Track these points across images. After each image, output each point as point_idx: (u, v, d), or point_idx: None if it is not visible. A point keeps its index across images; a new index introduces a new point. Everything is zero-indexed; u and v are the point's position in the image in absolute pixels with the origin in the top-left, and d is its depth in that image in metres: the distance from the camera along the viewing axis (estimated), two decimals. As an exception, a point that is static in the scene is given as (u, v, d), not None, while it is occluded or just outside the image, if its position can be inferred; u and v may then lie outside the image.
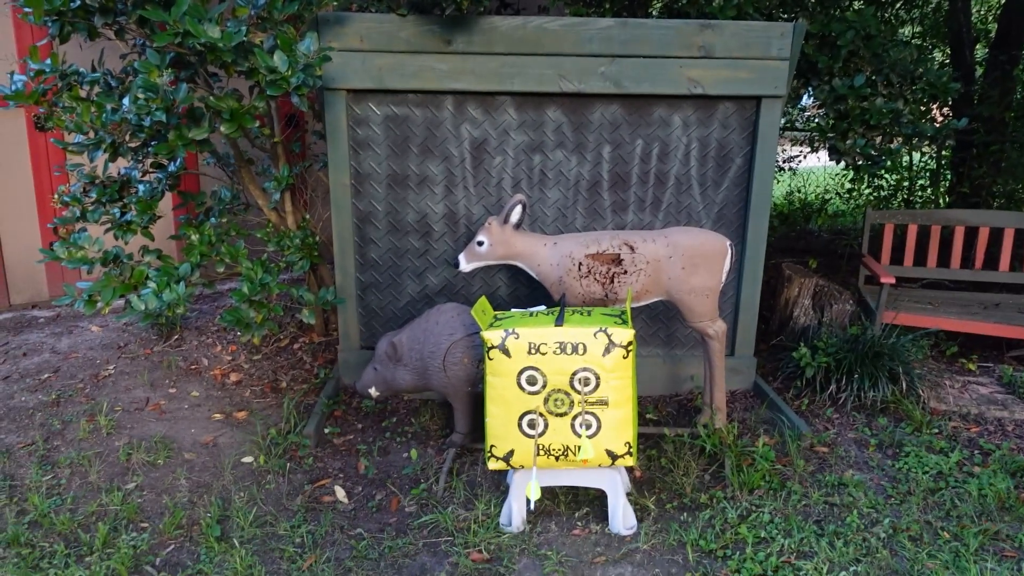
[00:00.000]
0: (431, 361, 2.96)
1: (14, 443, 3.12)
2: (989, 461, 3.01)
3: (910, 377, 3.48)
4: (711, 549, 2.47)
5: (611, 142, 3.38)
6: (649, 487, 2.86)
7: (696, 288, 2.94)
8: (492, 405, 2.49)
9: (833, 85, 3.58)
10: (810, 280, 4.10)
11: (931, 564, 2.38)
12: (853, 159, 3.70)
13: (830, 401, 3.53)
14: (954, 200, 5.83)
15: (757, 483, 2.81)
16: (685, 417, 3.45)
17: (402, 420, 3.39)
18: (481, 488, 2.85)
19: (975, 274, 4.25)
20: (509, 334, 2.42)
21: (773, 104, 3.29)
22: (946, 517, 2.65)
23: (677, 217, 3.48)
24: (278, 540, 2.55)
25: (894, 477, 2.92)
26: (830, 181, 9.68)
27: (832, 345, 3.56)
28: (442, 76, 3.21)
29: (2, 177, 4.56)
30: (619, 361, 2.41)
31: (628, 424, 2.45)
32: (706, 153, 3.40)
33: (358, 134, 3.35)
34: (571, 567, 2.40)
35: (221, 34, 2.53)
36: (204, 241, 3.24)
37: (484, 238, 2.95)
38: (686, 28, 3.17)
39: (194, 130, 2.77)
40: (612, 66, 3.21)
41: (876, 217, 4.30)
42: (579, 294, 2.96)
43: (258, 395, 3.60)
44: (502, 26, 3.14)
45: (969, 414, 3.41)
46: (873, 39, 3.69)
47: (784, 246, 6.59)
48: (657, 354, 3.66)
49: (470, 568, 2.39)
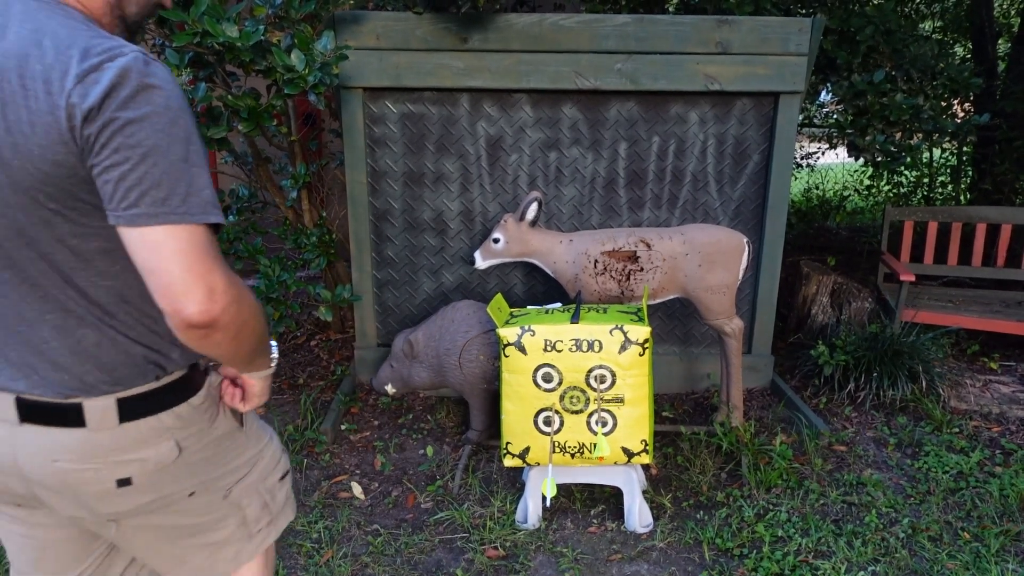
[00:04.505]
0: (447, 358, 2.97)
1: None
2: (1011, 461, 2.97)
3: (930, 376, 3.45)
4: (728, 548, 2.46)
5: (627, 139, 3.37)
6: (665, 485, 2.86)
7: (713, 285, 2.93)
8: (508, 402, 2.49)
9: (852, 81, 3.55)
10: (828, 277, 4.06)
11: (951, 565, 2.35)
12: (872, 156, 3.67)
13: (848, 400, 3.50)
14: (975, 197, 5.76)
15: (774, 481, 2.79)
16: (702, 415, 3.44)
17: (418, 417, 3.41)
18: (497, 485, 2.86)
19: (997, 272, 4.20)
20: (525, 331, 2.43)
21: (791, 100, 3.27)
22: (966, 517, 2.62)
23: (694, 214, 3.47)
24: (295, 535, 2.57)
25: (913, 476, 2.89)
26: (849, 178, 9.59)
27: (851, 343, 3.53)
28: (458, 74, 3.21)
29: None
30: (635, 358, 2.40)
31: (644, 422, 2.45)
32: (723, 150, 3.38)
33: (375, 132, 3.36)
34: (587, 564, 2.40)
35: (239, 33, 2.55)
36: (222, 239, 3.27)
37: (500, 235, 2.96)
38: (703, 24, 3.15)
39: (212, 129, 2.79)
40: (628, 63, 3.20)
41: (896, 214, 4.26)
42: (595, 291, 2.95)
43: (275, 392, 3.63)
44: (518, 23, 3.14)
45: (990, 413, 3.36)
46: (893, 34, 3.65)
47: (802, 243, 6.54)
48: (674, 352, 3.65)
49: (486, 565, 2.40)
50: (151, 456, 1.15)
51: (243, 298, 1.05)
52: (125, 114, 0.95)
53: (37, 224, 1.02)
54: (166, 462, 1.17)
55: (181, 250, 0.98)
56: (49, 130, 0.95)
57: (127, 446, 1.13)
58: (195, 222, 0.99)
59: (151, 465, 1.16)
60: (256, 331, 1.11)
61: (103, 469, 1.13)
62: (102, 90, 0.94)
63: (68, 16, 1.01)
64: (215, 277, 1.00)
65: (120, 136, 0.95)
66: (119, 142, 0.95)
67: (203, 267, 0.99)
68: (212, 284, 1.00)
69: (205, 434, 1.23)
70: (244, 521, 1.36)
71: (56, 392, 1.10)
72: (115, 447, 1.13)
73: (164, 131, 0.97)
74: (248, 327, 1.08)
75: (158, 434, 1.16)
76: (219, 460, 1.27)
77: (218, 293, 1.01)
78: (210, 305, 1.00)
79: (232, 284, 1.03)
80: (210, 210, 1.02)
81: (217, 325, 1.02)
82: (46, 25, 0.98)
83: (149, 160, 0.97)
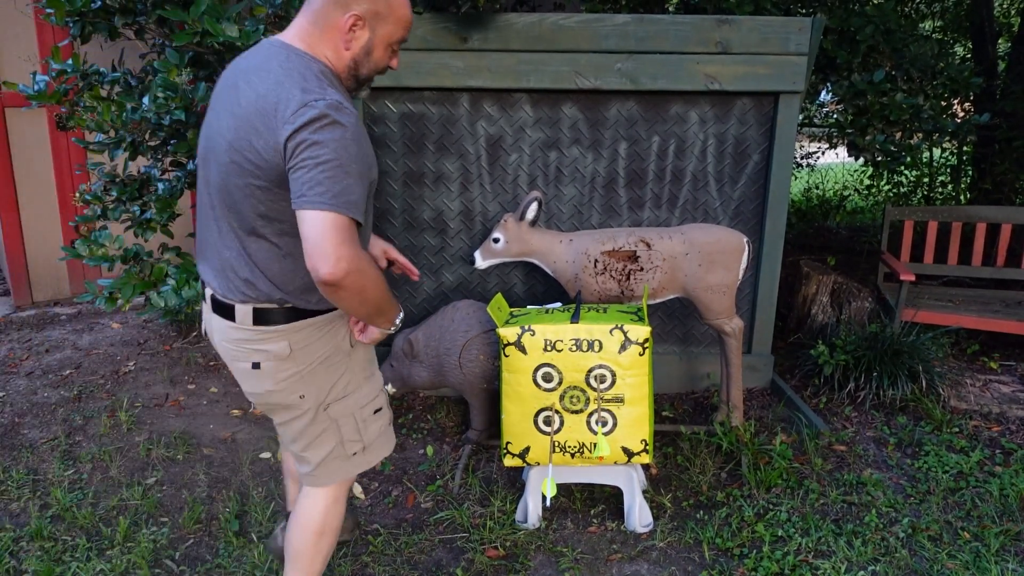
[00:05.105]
0: (447, 358, 2.97)
1: (37, 438, 3.17)
2: (1011, 460, 2.97)
3: (930, 375, 3.45)
4: (728, 547, 2.46)
5: (627, 138, 3.37)
6: (665, 485, 2.86)
7: (713, 285, 2.93)
8: (508, 402, 2.49)
9: (852, 80, 3.55)
10: (828, 277, 4.06)
11: (951, 564, 2.35)
12: (872, 155, 3.67)
13: (848, 399, 3.51)
14: (975, 196, 5.76)
15: (774, 481, 2.79)
16: (702, 415, 3.44)
17: (418, 417, 3.41)
18: (497, 485, 2.86)
19: (997, 271, 4.20)
20: (525, 331, 2.43)
21: (791, 100, 3.27)
22: (966, 517, 2.62)
23: (694, 214, 3.47)
24: (296, 535, 2.57)
25: (913, 476, 2.89)
26: (849, 177, 9.59)
27: (851, 343, 3.53)
28: (458, 73, 3.21)
29: (25, 176, 4.63)
30: (635, 358, 2.40)
31: (644, 421, 2.45)
32: (723, 149, 3.38)
33: (374, 132, 3.36)
34: (587, 564, 2.41)
35: (239, 33, 2.55)
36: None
37: (500, 235, 2.96)
38: (703, 24, 3.15)
39: (213, 128, 2.79)
40: (628, 62, 3.20)
41: (896, 214, 4.26)
42: (595, 291, 2.95)
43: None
44: (518, 23, 3.14)
45: (990, 413, 3.37)
46: (893, 34, 3.65)
47: (802, 243, 6.54)
48: (673, 351, 3.65)
49: (486, 564, 2.40)
50: (272, 349, 1.66)
51: (364, 272, 1.48)
52: (314, 136, 1.43)
53: (247, 194, 1.54)
54: (283, 355, 1.66)
55: (324, 228, 1.42)
56: (273, 139, 1.47)
57: (257, 340, 1.66)
58: (337, 212, 1.43)
59: (272, 356, 1.66)
60: (373, 298, 1.55)
61: (243, 353, 1.68)
62: (305, 119, 1.44)
63: (311, 67, 1.54)
64: (343, 250, 1.43)
65: (308, 150, 1.44)
66: (306, 154, 1.44)
67: (336, 242, 1.42)
68: (340, 255, 1.42)
69: (314, 347, 1.69)
70: (341, 440, 1.79)
71: (224, 294, 1.66)
72: (250, 339, 1.66)
73: (337, 152, 1.44)
74: (367, 292, 1.51)
75: (279, 335, 1.65)
76: (325, 374, 1.72)
77: (343, 262, 1.43)
78: (335, 270, 1.42)
79: (356, 259, 1.45)
80: (352, 208, 1.45)
81: (341, 285, 1.45)
82: (293, 71, 1.51)
83: (320, 168, 1.43)
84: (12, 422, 3.27)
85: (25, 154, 4.59)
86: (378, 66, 1.67)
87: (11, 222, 4.62)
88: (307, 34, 1.59)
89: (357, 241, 1.47)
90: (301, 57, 1.55)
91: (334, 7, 1.56)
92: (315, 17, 1.58)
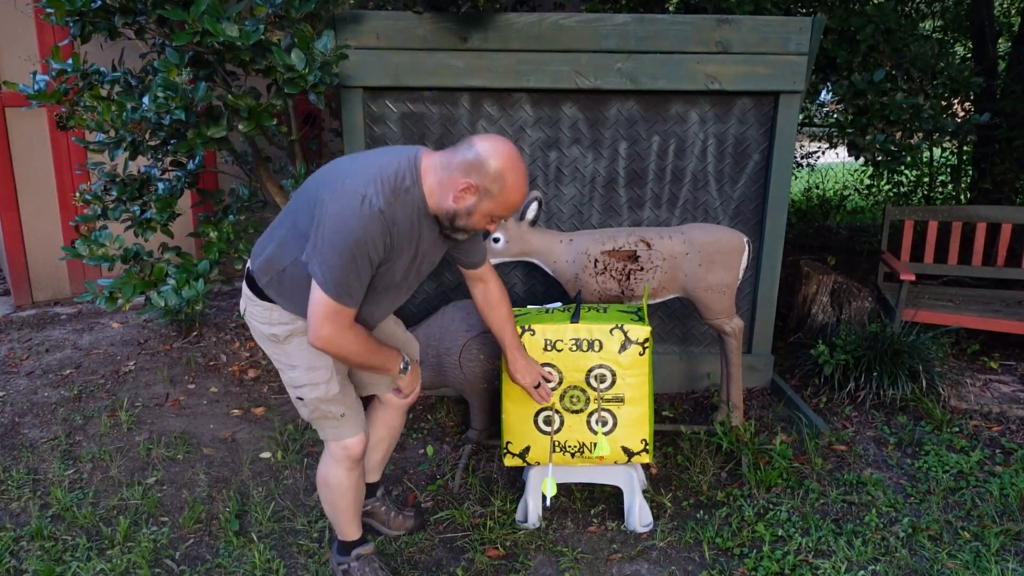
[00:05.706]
0: (447, 358, 2.97)
1: (38, 438, 3.17)
2: (1011, 460, 2.97)
3: (930, 375, 3.45)
4: (728, 547, 2.46)
5: (627, 138, 3.37)
6: (665, 484, 2.86)
7: (713, 285, 2.93)
8: (508, 402, 2.49)
9: (852, 80, 3.55)
10: (828, 277, 4.06)
11: (951, 564, 2.35)
12: (873, 155, 3.67)
13: (848, 399, 3.50)
14: (975, 196, 5.75)
15: (774, 481, 2.79)
16: (702, 414, 3.44)
17: (418, 416, 3.41)
18: (497, 485, 2.86)
19: (997, 271, 4.20)
20: (525, 330, 2.43)
21: (791, 100, 3.27)
22: (967, 517, 2.62)
23: (694, 213, 3.47)
24: (296, 535, 2.57)
25: (913, 476, 2.89)
26: (849, 177, 9.58)
27: (851, 342, 3.53)
28: (458, 73, 3.21)
29: (25, 176, 4.63)
30: (635, 358, 2.40)
31: (644, 421, 2.45)
32: (723, 149, 3.38)
33: (375, 131, 3.36)
34: (587, 564, 2.41)
35: (239, 33, 2.55)
36: (223, 238, 3.27)
37: (500, 235, 2.96)
38: (703, 23, 3.15)
39: (212, 128, 2.79)
40: (628, 62, 3.20)
41: (896, 213, 4.26)
42: (595, 291, 2.95)
43: (276, 391, 3.63)
44: (518, 23, 3.14)
45: (991, 413, 3.36)
46: (893, 33, 3.65)
47: (802, 243, 6.54)
48: (673, 351, 3.65)
49: (486, 564, 2.40)
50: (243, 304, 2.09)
51: (343, 348, 1.85)
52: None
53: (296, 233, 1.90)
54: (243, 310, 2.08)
55: (316, 302, 1.79)
56: None
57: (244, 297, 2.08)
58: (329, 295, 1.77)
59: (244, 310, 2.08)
60: (356, 362, 1.93)
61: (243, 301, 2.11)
62: None
63: (414, 196, 1.84)
64: (326, 331, 1.80)
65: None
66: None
67: (323, 319, 1.79)
68: (320, 333, 1.81)
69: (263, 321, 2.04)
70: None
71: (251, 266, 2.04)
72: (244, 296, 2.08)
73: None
74: (349, 360, 1.91)
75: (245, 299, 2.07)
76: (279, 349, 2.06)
77: (323, 340, 1.81)
78: (316, 342, 1.82)
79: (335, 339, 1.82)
80: (342, 295, 1.78)
81: (324, 351, 1.86)
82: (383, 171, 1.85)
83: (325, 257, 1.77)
84: (12, 422, 3.27)
85: (25, 154, 4.59)
86: (475, 227, 1.89)
87: (11, 222, 4.62)
88: (437, 167, 1.84)
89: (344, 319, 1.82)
90: (408, 174, 1.83)
91: (462, 168, 1.80)
92: (449, 163, 1.82)
